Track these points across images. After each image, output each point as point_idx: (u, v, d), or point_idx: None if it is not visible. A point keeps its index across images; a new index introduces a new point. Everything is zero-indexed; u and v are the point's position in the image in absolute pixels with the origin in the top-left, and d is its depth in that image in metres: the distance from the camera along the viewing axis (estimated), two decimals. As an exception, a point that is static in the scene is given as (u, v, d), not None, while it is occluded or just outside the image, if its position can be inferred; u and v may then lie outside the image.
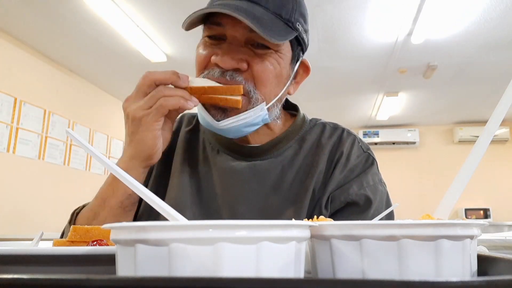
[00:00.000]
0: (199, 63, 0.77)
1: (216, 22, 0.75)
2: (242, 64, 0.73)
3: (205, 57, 0.76)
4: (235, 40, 0.74)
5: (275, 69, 0.76)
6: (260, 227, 0.29)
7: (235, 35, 0.74)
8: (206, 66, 0.76)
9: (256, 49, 0.75)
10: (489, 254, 0.40)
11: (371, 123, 5.75)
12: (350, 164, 0.82)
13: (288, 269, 0.31)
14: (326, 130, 0.87)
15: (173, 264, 0.28)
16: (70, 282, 0.24)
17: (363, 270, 0.34)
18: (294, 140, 0.86)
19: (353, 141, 0.85)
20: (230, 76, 0.73)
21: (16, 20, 3.01)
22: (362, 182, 0.81)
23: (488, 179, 5.34)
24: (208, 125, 0.78)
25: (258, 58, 0.75)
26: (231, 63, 0.72)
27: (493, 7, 2.77)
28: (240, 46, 0.74)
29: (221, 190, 0.82)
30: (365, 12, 2.84)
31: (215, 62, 0.74)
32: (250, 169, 0.82)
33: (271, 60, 0.75)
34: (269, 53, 0.75)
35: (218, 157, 0.85)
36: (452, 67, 3.81)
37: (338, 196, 0.79)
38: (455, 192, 0.41)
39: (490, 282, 0.24)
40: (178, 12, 2.89)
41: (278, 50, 0.76)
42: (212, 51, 0.76)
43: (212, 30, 0.76)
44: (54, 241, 0.53)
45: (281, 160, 0.83)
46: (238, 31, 0.74)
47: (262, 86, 0.75)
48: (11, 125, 3.23)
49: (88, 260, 0.41)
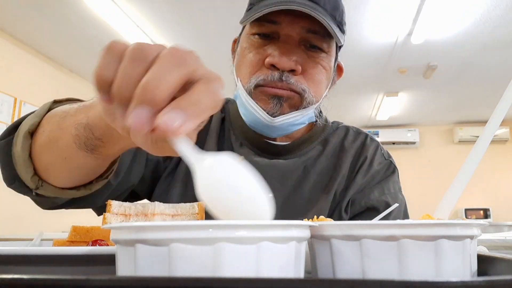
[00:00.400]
0: (252, 65, 0.74)
1: (270, 19, 0.71)
2: (298, 66, 0.72)
3: (259, 60, 0.73)
4: (290, 40, 0.72)
5: (326, 72, 0.76)
6: (260, 227, 0.29)
7: (291, 34, 0.72)
8: (258, 69, 0.73)
9: (309, 51, 0.74)
10: (489, 254, 0.40)
11: (371, 123, 5.75)
12: (372, 170, 0.82)
13: (288, 269, 0.31)
14: (349, 134, 0.88)
15: (173, 264, 0.28)
16: (70, 282, 0.24)
17: (363, 270, 0.34)
18: (317, 142, 0.85)
19: (376, 148, 0.86)
20: (286, 78, 0.71)
21: (16, 20, 3.01)
22: (383, 188, 0.81)
23: (488, 179, 5.34)
24: (255, 122, 0.76)
25: (311, 61, 0.74)
26: (290, 63, 0.70)
27: (493, 7, 2.77)
28: (295, 47, 0.72)
29: None
30: (365, 12, 2.84)
31: (272, 63, 0.71)
32: (273, 167, 0.81)
33: (323, 63, 0.75)
34: (321, 56, 0.75)
35: (241, 150, 0.83)
36: (452, 67, 3.81)
37: (358, 200, 0.80)
38: (455, 192, 0.41)
39: (490, 282, 0.24)
40: (178, 12, 2.89)
41: (329, 52, 0.76)
42: (265, 52, 0.73)
43: (264, 27, 0.73)
44: (54, 241, 0.53)
45: (304, 161, 0.83)
46: (294, 30, 0.71)
47: (315, 88, 0.75)
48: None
49: (88, 260, 0.41)
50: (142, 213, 0.57)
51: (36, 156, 0.54)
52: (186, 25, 3.06)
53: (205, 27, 3.07)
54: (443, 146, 5.86)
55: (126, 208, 0.57)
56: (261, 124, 0.76)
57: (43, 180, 0.56)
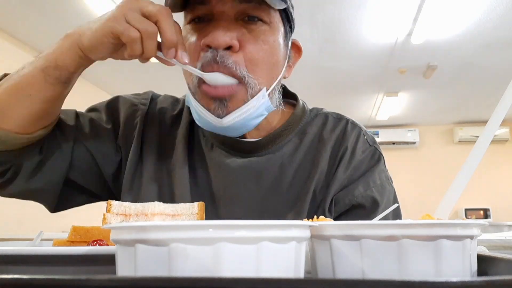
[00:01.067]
0: (191, 53, 0.68)
1: (200, 1, 0.67)
2: (234, 41, 0.65)
3: (196, 44, 0.68)
4: (224, 16, 0.66)
5: (270, 48, 0.69)
6: (260, 227, 0.29)
7: (223, 10, 0.66)
8: (198, 56, 0.67)
9: (248, 24, 0.67)
10: (489, 254, 0.40)
11: (371, 123, 5.75)
12: (355, 160, 0.75)
13: (288, 269, 0.31)
14: (328, 122, 0.80)
15: (173, 264, 0.28)
16: (70, 282, 0.24)
17: (363, 270, 0.34)
18: (293, 133, 0.78)
19: (358, 134, 0.78)
20: (220, 57, 0.64)
21: (16, 20, 3.01)
22: (369, 181, 0.74)
23: (488, 179, 5.34)
24: (208, 125, 0.71)
25: (250, 35, 0.67)
26: (224, 39, 0.64)
27: (493, 7, 2.77)
28: (231, 23, 0.66)
29: (217, 190, 0.75)
30: (365, 12, 2.84)
31: (206, 43, 0.65)
32: (245, 167, 0.75)
33: (265, 36, 0.68)
34: (263, 28, 0.68)
35: (212, 153, 0.77)
36: (452, 67, 3.81)
37: (342, 198, 0.73)
38: (455, 192, 0.41)
39: (490, 282, 0.24)
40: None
41: (271, 23, 0.69)
42: (200, 36, 0.67)
43: (196, 11, 0.69)
44: (54, 241, 0.53)
45: (279, 156, 0.76)
46: (226, 5, 0.66)
47: (257, 69, 0.67)
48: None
49: (88, 260, 0.41)
50: (142, 213, 0.57)
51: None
52: (186, 25, 3.07)
53: (205, 27, 3.07)
54: (443, 146, 5.86)
55: (126, 208, 0.57)
56: (214, 127, 0.70)
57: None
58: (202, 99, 0.69)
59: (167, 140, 0.80)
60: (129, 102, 0.83)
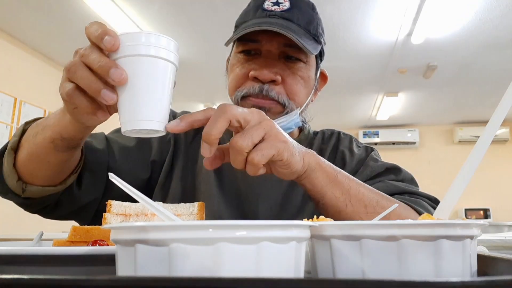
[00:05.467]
0: (237, 80, 0.83)
1: (251, 39, 0.81)
2: (277, 76, 0.80)
3: (244, 74, 0.82)
4: (270, 54, 0.81)
5: (305, 81, 0.84)
6: (260, 227, 0.29)
7: (270, 50, 0.81)
8: (243, 83, 0.82)
9: (289, 62, 0.83)
10: (489, 254, 0.40)
11: (371, 123, 5.75)
12: (355, 156, 0.91)
13: (288, 269, 0.31)
14: (325, 136, 0.98)
15: (173, 264, 0.28)
16: (70, 282, 0.24)
17: (363, 270, 0.34)
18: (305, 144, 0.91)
19: (350, 139, 0.96)
20: (266, 91, 0.80)
21: (16, 20, 3.01)
22: (376, 159, 0.90)
23: (488, 179, 5.34)
24: None
25: (290, 72, 0.82)
26: (269, 75, 0.79)
27: (493, 7, 2.78)
28: (275, 60, 0.82)
29: (244, 187, 0.86)
30: (365, 12, 2.84)
31: (254, 76, 0.80)
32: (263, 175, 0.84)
33: (301, 72, 0.84)
34: (300, 66, 0.83)
35: None
36: (452, 67, 3.81)
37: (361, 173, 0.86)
38: (455, 192, 0.41)
39: (490, 282, 0.24)
40: (178, 13, 2.89)
41: (307, 62, 0.85)
42: (249, 66, 0.82)
43: (247, 46, 0.83)
44: (54, 241, 0.53)
45: None
46: (273, 46, 0.81)
47: (295, 97, 0.83)
48: (11, 125, 3.23)
49: (88, 260, 0.41)
50: (142, 213, 0.57)
51: (21, 167, 0.69)
52: (186, 25, 3.07)
53: (205, 27, 3.07)
54: (443, 146, 5.86)
55: (126, 208, 0.57)
56: None
57: (26, 183, 0.70)
58: None
59: (194, 141, 0.92)
60: None
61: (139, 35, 0.49)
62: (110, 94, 0.49)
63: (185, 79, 4.04)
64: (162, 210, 0.35)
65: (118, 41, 0.48)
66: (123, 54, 0.49)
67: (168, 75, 0.51)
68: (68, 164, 0.71)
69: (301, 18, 0.82)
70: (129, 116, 0.49)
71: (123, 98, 0.49)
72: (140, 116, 0.49)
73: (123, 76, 0.48)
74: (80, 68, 0.50)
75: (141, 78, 0.49)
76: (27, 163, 0.68)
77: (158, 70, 0.49)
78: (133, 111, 0.49)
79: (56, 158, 0.66)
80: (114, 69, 0.47)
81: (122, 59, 0.49)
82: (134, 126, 0.49)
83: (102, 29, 0.48)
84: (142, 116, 0.49)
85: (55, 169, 0.69)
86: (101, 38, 0.48)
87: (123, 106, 0.50)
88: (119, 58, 0.49)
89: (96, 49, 0.49)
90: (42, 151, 0.65)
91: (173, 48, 0.51)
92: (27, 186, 0.70)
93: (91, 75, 0.49)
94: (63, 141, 0.64)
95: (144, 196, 0.37)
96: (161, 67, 0.50)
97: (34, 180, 0.70)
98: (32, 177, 0.70)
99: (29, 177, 0.70)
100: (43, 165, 0.67)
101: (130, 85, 0.49)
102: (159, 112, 0.50)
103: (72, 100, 0.52)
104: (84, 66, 0.50)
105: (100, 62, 0.48)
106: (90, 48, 0.50)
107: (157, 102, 0.50)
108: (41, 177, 0.70)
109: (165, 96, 0.50)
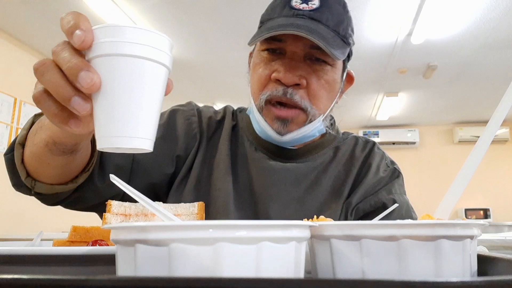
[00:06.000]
0: (260, 81, 0.80)
1: (276, 38, 0.77)
2: (302, 80, 0.77)
3: (266, 75, 0.79)
4: (295, 56, 0.77)
5: (330, 85, 0.81)
6: (260, 227, 0.29)
7: (295, 51, 0.77)
8: (266, 84, 0.79)
9: (314, 64, 0.79)
10: (489, 254, 0.40)
11: (371, 123, 5.75)
12: (379, 175, 0.87)
13: (288, 269, 0.31)
14: (359, 143, 0.93)
15: (173, 264, 0.28)
16: (70, 282, 0.24)
17: (363, 270, 0.34)
18: (329, 148, 0.90)
19: (381, 156, 0.92)
20: (290, 94, 0.76)
21: (16, 20, 3.01)
22: (391, 189, 0.86)
23: (488, 179, 5.34)
24: (267, 137, 0.83)
25: (315, 75, 0.79)
26: (293, 79, 0.76)
27: (493, 7, 2.77)
28: (300, 62, 0.78)
29: (258, 188, 0.85)
30: (365, 12, 2.84)
31: (278, 78, 0.77)
32: (287, 171, 0.85)
33: (327, 76, 0.80)
34: (326, 69, 0.79)
35: (255, 154, 0.87)
36: (452, 67, 3.81)
37: (368, 201, 0.84)
38: (455, 193, 0.41)
39: (490, 282, 0.24)
40: (178, 12, 2.89)
41: (334, 64, 0.81)
42: (272, 68, 0.79)
43: (272, 44, 0.79)
44: (54, 241, 0.53)
45: (315, 166, 0.87)
46: (299, 47, 0.77)
47: (318, 102, 0.80)
48: (11, 125, 3.23)
49: (88, 260, 0.41)
50: (142, 213, 0.57)
51: (27, 164, 0.66)
52: (186, 25, 3.06)
53: (205, 27, 3.07)
54: (443, 146, 5.86)
55: (126, 208, 0.57)
56: (272, 139, 0.82)
57: (36, 180, 0.67)
58: (267, 116, 0.80)
59: (212, 141, 0.90)
60: (182, 117, 0.91)
61: (121, 29, 0.39)
62: (82, 103, 0.40)
63: (185, 79, 4.04)
64: (162, 211, 0.35)
65: (90, 37, 0.39)
66: (99, 52, 0.39)
67: (157, 81, 0.41)
68: (71, 166, 0.67)
69: (330, 18, 0.77)
70: (105, 130, 0.39)
71: (97, 109, 0.40)
72: (118, 131, 0.39)
73: (94, 81, 0.38)
74: (49, 69, 0.41)
75: (120, 83, 0.39)
76: (30, 161, 0.65)
77: (144, 74, 0.39)
78: (110, 125, 0.39)
79: (54, 161, 0.62)
80: (84, 71, 0.38)
81: (98, 59, 0.39)
82: (110, 144, 0.39)
83: (75, 21, 0.40)
84: (121, 131, 0.39)
85: (58, 171, 0.66)
86: (71, 33, 0.39)
87: (98, 118, 0.40)
88: (94, 58, 0.39)
89: (69, 45, 0.41)
90: (40, 152, 0.61)
91: (166, 47, 0.41)
92: (36, 183, 0.67)
93: (60, 78, 0.40)
94: (56, 146, 0.58)
95: (144, 197, 0.37)
96: (148, 71, 0.39)
97: (41, 178, 0.67)
98: (38, 175, 0.67)
99: (36, 175, 0.67)
100: (44, 165, 0.64)
101: (106, 93, 0.39)
102: (143, 126, 0.40)
103: (40, 106, 0.44)
104: (55, 67, 0.41)
105: (69, 63, 0.39)
106: (62, 45, 0.42)
107: (141, 114, 0.39)
108: (46, 176, 0.67)
109: (151, 107, 0.40)
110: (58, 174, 0.67)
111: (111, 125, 0.39)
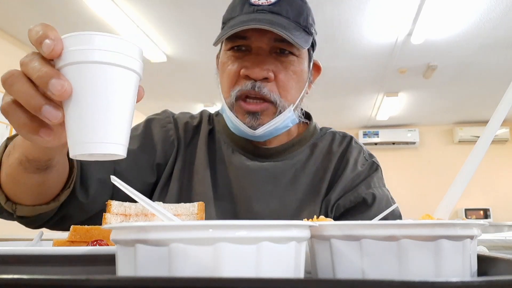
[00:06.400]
0: (229, 78, 0.81)
1: (241, 36, 0.79)
2: (270, 74, 0.79)
3: (235, 72, 0.81)
4: (261, 51, 0.80)
5: (297, 75, 0.82)
6: (260, 227, 0.29)
7: (261, 46, 0.79)
8: (236, 81, 0.81)
9: (280, 57, 0.80)
10: (489, 254, 0.40)
11: (371, 123, 5.75)
12: (357, 170, 0.88)
13: (288, 269, 0.31)
14: (336, 138, 0.94)
15: (173, 264, 0.28)
16: (70, 282, 0.24)
17: (363, 270, 0.34)
18: (306, 146, 0.91)
19: (359, 151, 0.92)
20: (258, 88, 0.78)
21: (16, 20, 3.01)
22: (370, 183, 0.86)
23: (488, 179, 5.34)
24: (241, 133, 0.84)
25: (282, 67, 0.80)
26: (261, 73, 0.78)
27: (493, 7, 2.77)
28: (266, 56, 0.80)
29: (237, 189, 0.86)
30: (365, 12, 2.84)
31: (246, 74, 0.78)
32: (265, 170, 0.86)
33: (294, 67, 0.81)
34: (292, 60, 0.81)
35: (233, 156, 0.88)
36: (452, 67, 3.81)
37: (348, 197, 0.85)
38: (456, 192, 0.41)
39: (490, 282, 0.24)
40: (178, 12, 2.89)
41: (299, 55, 0.82)
42: (240, 64, 0.80)
43: (236, 42, 0.81)
44: (54, 241, 0.53)
45: (293, 164, 0.88)
46: (263, 42, 0.79)
47: (287, 94, 0.81)
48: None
49: (88, 260, 0.41)
50: (142, 213, 0.57)
51: (4, 187, 0.65)
52: (186, 25, 3.06)
53: (205, 27, 3.07)
54: (443, 146, 5.86)
55: (126, 208, 0.57)
56: (246, 134, 0.83)
57: (16, 203, 0.66)
58: (238, 112, 0.81)
59: (190, 147, 0.91)
60: (158, 125, 0.92)
61: (90, 37, 0.40)
62: (53, 111, 0.40)
63: (185, 79, 4.04)
64: (162, 211, 0.35)
65: (59, 46, 0.39)
66: (69, 60, 0.39)
67: (128, 87, 0.41)
68: (49, 184, 0.65)
69: (290, 10, 0.79)
70: (77, 137, 0.40)
71: (69, 116, 0.40)
72: (90, 137, 0.39)
73: (65, 88, 0.38)
74: (18, 80, 0.42)
75: (91, 90, 0.39)
76: (7, 184, 0.63)
77: (115, 81, 0.40)
78: (81, 132, 0.40)
79: (30, 180, 0.60)
80: (55, 79, 0.38)
81: (68, 67, 0.40)
82: (82, 150, 0.39)
83: (43, 31, 0.40)
84: (93, 137, 0.39)
85: (36, 190, 0.64)
86: (40, 43, 0.39)
87: (70, 126, 0.40)
88: (64, 66, 0.40)
89: (38, 56, 0.41)
90: (15, 172, 0.60)
91: (136, 53, 0.42)
92: (17, 206, 0.66)
93: (30, 88, 0.41)
94: (30, 163, 0.57)
95: (144, 197, 0.37)
96: (119, 77, 0.40)
97: (21, 200, 0.66)
98: (17, 198, 0.65)
99: (15, 198, 0.66)
100: (20, 186, 0.63)
101: (78, 100, 0.39)
102: (115, 132, 0.40)
103: (9, 117, 0.44)
104: (24, 77, 0.42)
105: (39, 72, 0.40)
106: (31, 55, 0.42)
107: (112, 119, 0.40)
108: (25, 197, 0.65)
109: (123, 112, 0.41)
110: (37, 193, 0.65)
111: (83, 131, 0.39)
